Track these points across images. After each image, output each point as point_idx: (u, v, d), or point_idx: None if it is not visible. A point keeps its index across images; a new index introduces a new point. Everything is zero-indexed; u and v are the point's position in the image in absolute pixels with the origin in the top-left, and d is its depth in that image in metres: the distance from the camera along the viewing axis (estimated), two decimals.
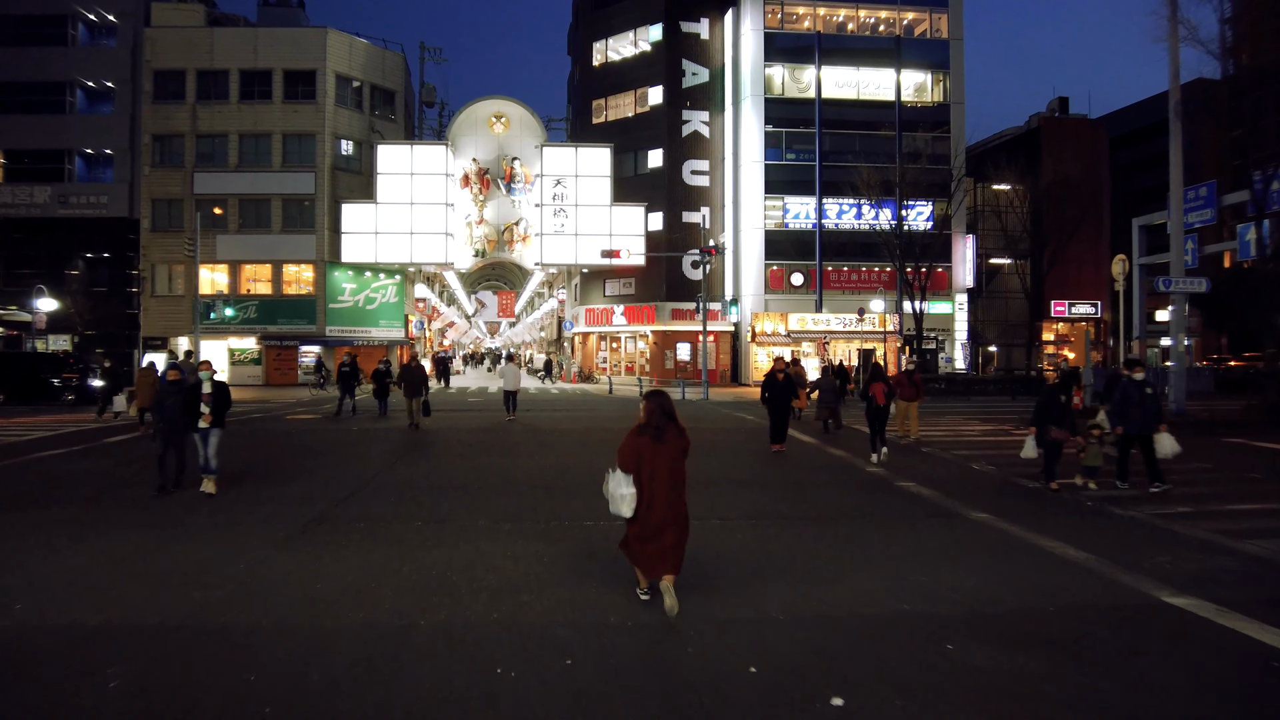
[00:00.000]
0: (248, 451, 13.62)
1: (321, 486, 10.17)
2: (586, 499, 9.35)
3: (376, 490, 9.97)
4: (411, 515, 8.49)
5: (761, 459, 12.98)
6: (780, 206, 39.10)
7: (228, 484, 10.07)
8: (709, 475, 10.95)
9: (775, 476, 11.32)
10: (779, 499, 9.69)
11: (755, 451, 13.87)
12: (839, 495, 10.01)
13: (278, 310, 37.57)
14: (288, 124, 37.88)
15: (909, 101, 40.24)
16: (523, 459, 12.67)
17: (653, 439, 5.37)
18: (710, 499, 9.36)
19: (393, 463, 12.17)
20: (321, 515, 8.47)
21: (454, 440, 15.23)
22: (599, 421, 19.66)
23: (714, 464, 11.99)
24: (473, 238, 39.28)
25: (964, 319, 40.37)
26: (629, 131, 40.17)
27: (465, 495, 9.65)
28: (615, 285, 40.91)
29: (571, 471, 11.41)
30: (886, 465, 12.21)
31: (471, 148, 39.50)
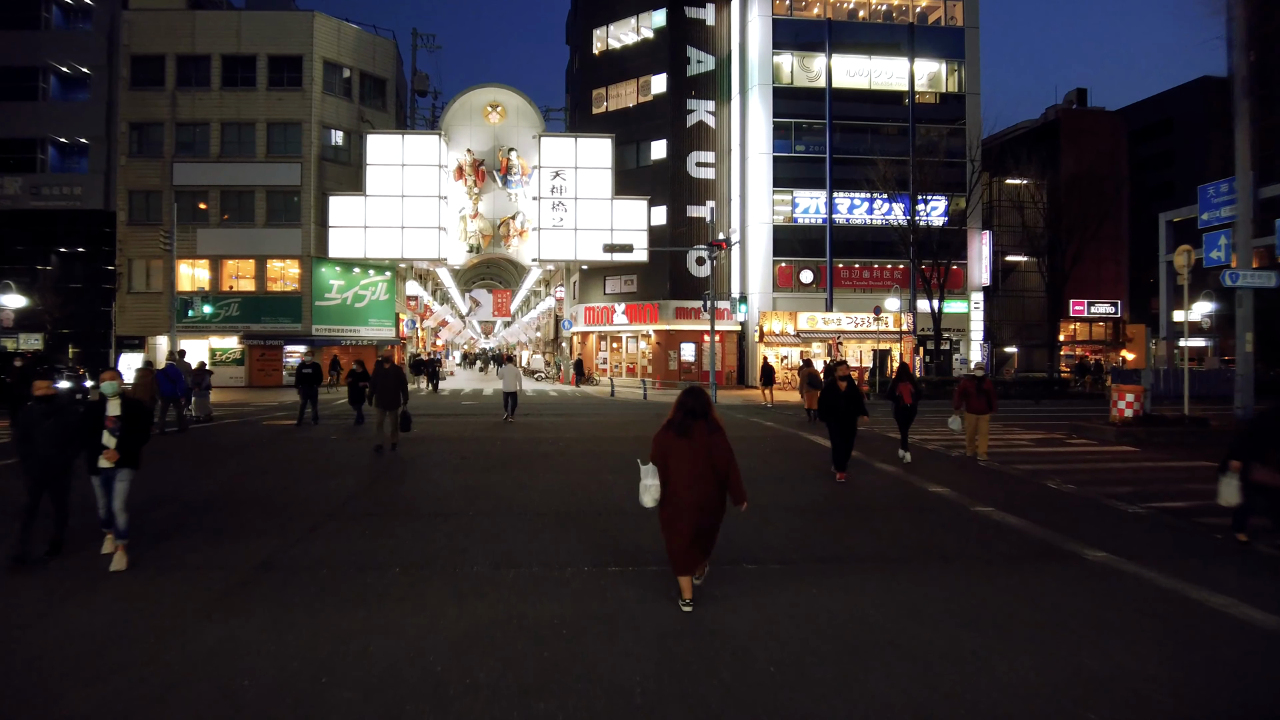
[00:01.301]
0: (194, 465, 11.80)
1: (278, 515, 8.36)
2: (610, 533, 7.57)
3: (347, 521, 8.15)
4: (387, 558, 6.68)
5: (798, 473, 11.22)
6: (789, 201, 37.37)
7: (152, 515, 8.26)
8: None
9: (823, 498, 9.54)
10: (839, 530, 7.92)
11: (791, 465, 12.11)
12: (910, 525, 8.23)
13: (261, 308, 35.66)
14: (272, 112, 35.99)
15: (923, 92, 38.56)
16: (525, 477, 10.87)
17: (676, 434, 5.39)
18: (752, 531, 7.59)
19: (370, 482, 10.35)
20: (271, 559, 6.66)
21: (444, 452, 13.42)
22: (605, 429, 17.86)
23: (747, 482, 10.20)
24: (467, 232, 37.44)
25: (980, 319, 38.69)
26: (631, 122, 38.39)
27: (456, 528, 7.84)
28: (616, 282, 39.11)
29: (585, 494, 9.62)
30: (955, 484, 10.45)
31: (466, 138, 37.67)
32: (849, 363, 21.07)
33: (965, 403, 12.71)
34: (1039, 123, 44.91)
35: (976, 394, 12.67)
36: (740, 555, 6.83)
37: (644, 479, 5.39)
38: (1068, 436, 16.20)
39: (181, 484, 10.17)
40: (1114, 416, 16.17)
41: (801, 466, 12.09)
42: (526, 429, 17.50)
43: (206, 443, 14.76)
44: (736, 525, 7.78)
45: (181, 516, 8.27)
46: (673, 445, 5.37)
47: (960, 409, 12.71)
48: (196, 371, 19.04)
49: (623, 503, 8.96)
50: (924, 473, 11.39)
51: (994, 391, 12.80)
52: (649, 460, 5.47)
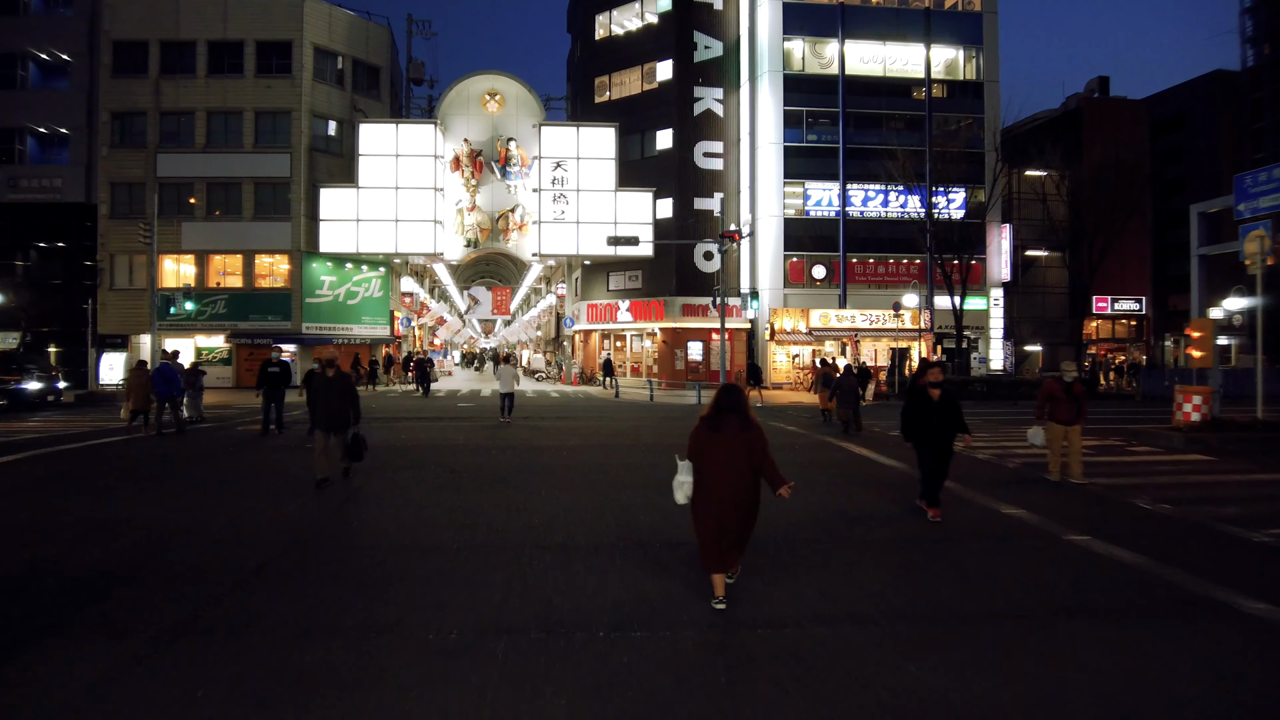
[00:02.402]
0: (137, 482, 10.21)
1: (219, 551, 6.75)
2: (630, 576, 5.96)
3: (300, 560, 6.54)
4: (342, 618, 5.08)
5: (844, 492, 9.63)
6: (800, 193, 35.76)
7: (49, 550, 6.66)
8: (787, 519, 7.59)
9: (882, 522, 7.93)
10: (915, 570, 6.32)
11: (834, 482, 10.50)
12: (1002, 562, 6.62)
13: (249, 305, 34.08)
14: (261, 100, 34.39)
15: (939, 80, 36.95)
16: (522, 497, 9.27)
17: (709, 429, 5.35)
18: (808, 573, 5.99)
19: (339, 505, 8.73)
20: (190, 618, 5.05)
21: (431, 464, 11.82)
22: (612, 435, 16.25)
23: (787, 502, 8.60)
24: (464, 226, 35.84)
25: (1000, 316, 37.07)
26: (635, 111, 36.79)
27: (435, 569, 6.24)
28: (620, 278, 37.51)
29: (594, 521, 8.01)
30: (1029, 504, 8.85)
31: (463, 128, 36.07)
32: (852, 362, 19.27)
33: (1050, 410, 10.39)
34: (1059, 112, 43.26)
35: (1066, 400, 10.33)
36: (802, 610, 5.23)
37: (678, 475, 5.37)
38: (1127, 443, 14.59)
39: (109, 506, 8.59)
40: (1178, 421, 14.58)
41: (846, 483, 10.49)
42: (526, 435, 15.90)
43: (158, 453, 13.18)
44: (788, 562, 6.22)
45: (94, 553, 6.67)
46: (707, 441, 5.33)
47: (1043, 418, 10.41)
48: (189, 372, 18.20)
49: (642, 532, 7.37)
50: (984, 487, 9.79)
51: (1085, 396, 10.54)
52: (685, 457, 5.43)
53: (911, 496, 9.04)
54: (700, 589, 5.64)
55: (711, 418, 5.40)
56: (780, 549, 6.81)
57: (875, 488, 9.99)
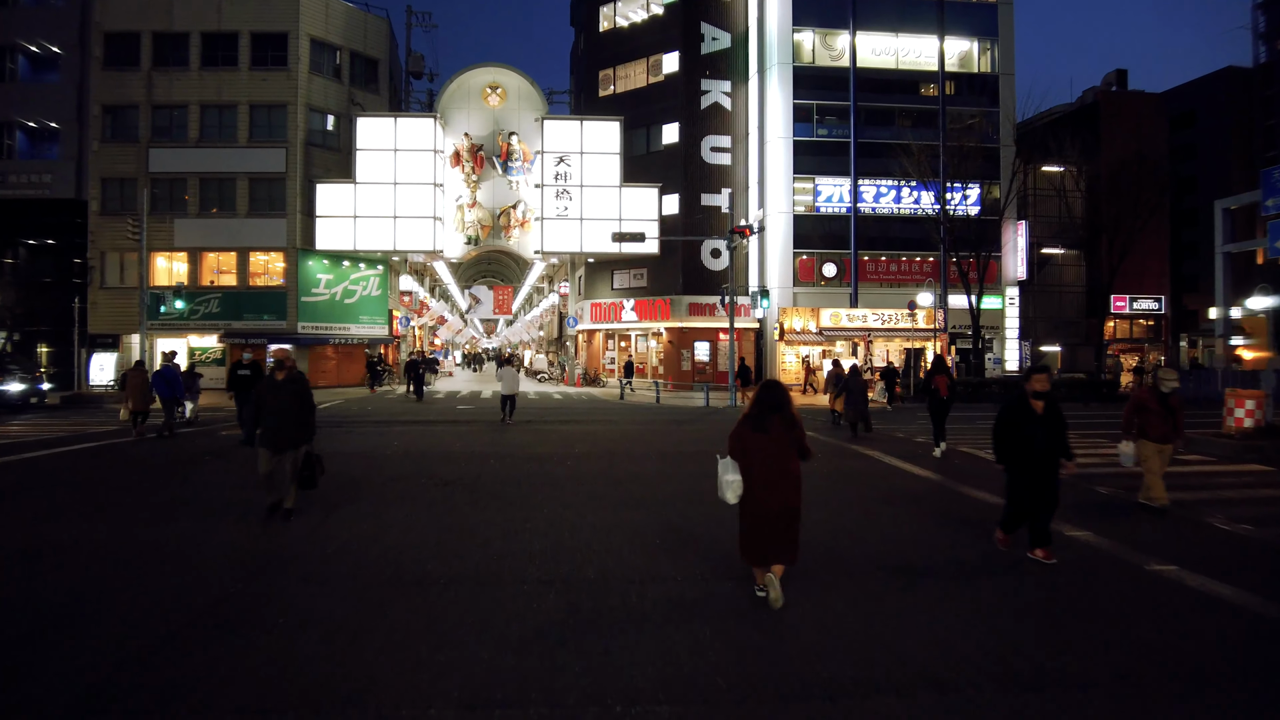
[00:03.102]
0: (89, 499, 9.22)
1: (161, 584, 5.76)
2: (658, 626, 4.94)
3: (257, 600, 5.53)
4: (296, 682, 4.08)
5: (882, 516, 8.62)
6: (810, 189, 34.73)
7: None
8: (825, 548, 6.58)
9: (944, 553, 6.91)
10: (1002, 629, 5.29)
11: (864, 498, 9.48)
12: (1112, 605, 5.60)
13: (243, 304, 33.12)
14: (256, 93, 33.47)
15: (953, 72, 35.88)
16: (522, 515, 8.26)
17: (752, 428, 5.34)
18: (855, 626, 4.99)
19: (315, 525, 7.73)
20: (98, 688, 4.05)
21: (422, 474, 10.83)
22: (620, 440, 15.25)
23: (819, 523, 7.59)
24: (464, 223, 34.87)
25: (1015, 315, 36.00)
26: (641, 104, 35.79)
27: (413, 613, 5.22)
28: (625, 277, 36.51)
29: (605, 547, 7.00)
30: (1095, 525, 7.83)
31: (463, 122, 35.11)
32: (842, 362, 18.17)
33: (1141, 424, 8.53)
34: (1075, 106, 42.16)
35: (1162, 412, 8.40)
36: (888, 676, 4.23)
37: (724, 474, 5.33)
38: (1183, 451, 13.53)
39: (52, 527, 7.60)
40: (1229, 427, 13.55)
41: (884, 504, 9.48)
42: (527, 440, 14.91)
43: (132, 460, 12.20)
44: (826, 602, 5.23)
45: (9, 590, 5.68)
46: (750, 440, 5.34)
47: (1133, 433, 8.60)
48: (185, 374, 17.60)
49: (661, 563, 6.36)
50: (1076, 514, 8.76)
51: (1181, 410, 8.49)
52: (726, 455, 5.45)
53: (963, 520, 8.03)
54: (741, 645, 4.65)
55: (755, 416, 5.36)
56: (809, 578, 5.79)
57: (919, 507, 8.94)
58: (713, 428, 18.12)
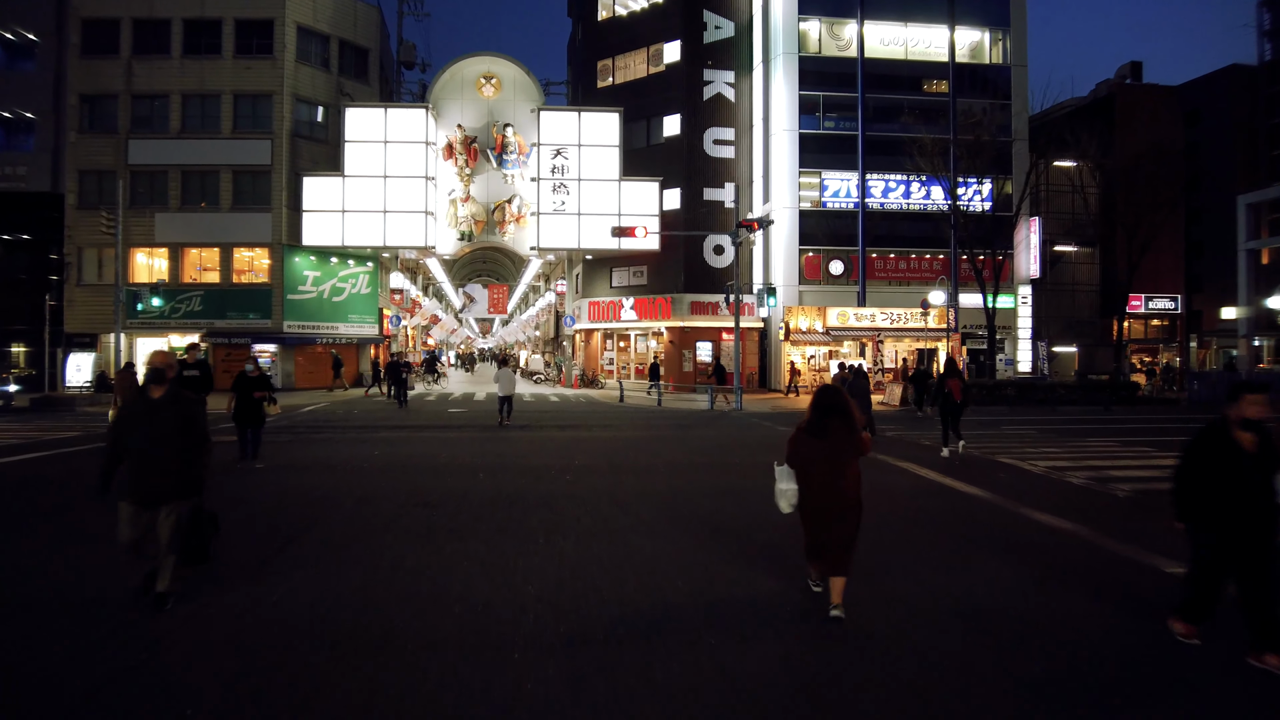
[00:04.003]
0: (21, 520, 7.92)
1: (47, 639, 4.45)
2: (684, 706, 3.67)
3: (167, 674, 4.24)
4: None
5: (973, 565, 7.35)
6: (816, 183, 33.46)
7: None
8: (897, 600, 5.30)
9: (1081, 638, 5.64)
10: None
11: (930, 533, 8.20)
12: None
13: (227, 302, 31.74)
14: (240, 83, 32.07)
15: (964, 63, 34.64)
16: (515, 547, 6.97)
17: (811, 434, 5.14)
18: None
19: (265, 558, 6.43)
20: None
21: (403, 493, 9.52)
22: (623, 451, 13.96)
23: (891, 554, 6.31)
24: (457, 218, 33.51)
25: (1028, 314, 34.79)
26: (641, 96, 34.47)
27: (382, 689, 3.94)
28: (624, 274, 35.21)
29: (615, 585, 5.71)
30: None
31: (457, 113, 33.75)
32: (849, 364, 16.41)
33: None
34: (1089, 100, 40.97)
35: None
36: None
37: (780, 482, 5.22)
38: None
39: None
40: None
41: (960, 541, 8.20)
42: (522, 449, 13.62)
43: (71, 474, 10.87)
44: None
45: None
46: (810, 446, 5.13)
47: None
48: None
49: (684, 613, 5.07)
50: (1111, 527, 7.50)
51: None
52: (783, 463, 5.27)
53: (1055, 559, 6.76)
54: None
55: (814, 421, 5.17)
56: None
57: (999, 548, 7.68)
58: (722, 434, 16.85)
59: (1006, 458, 12.74)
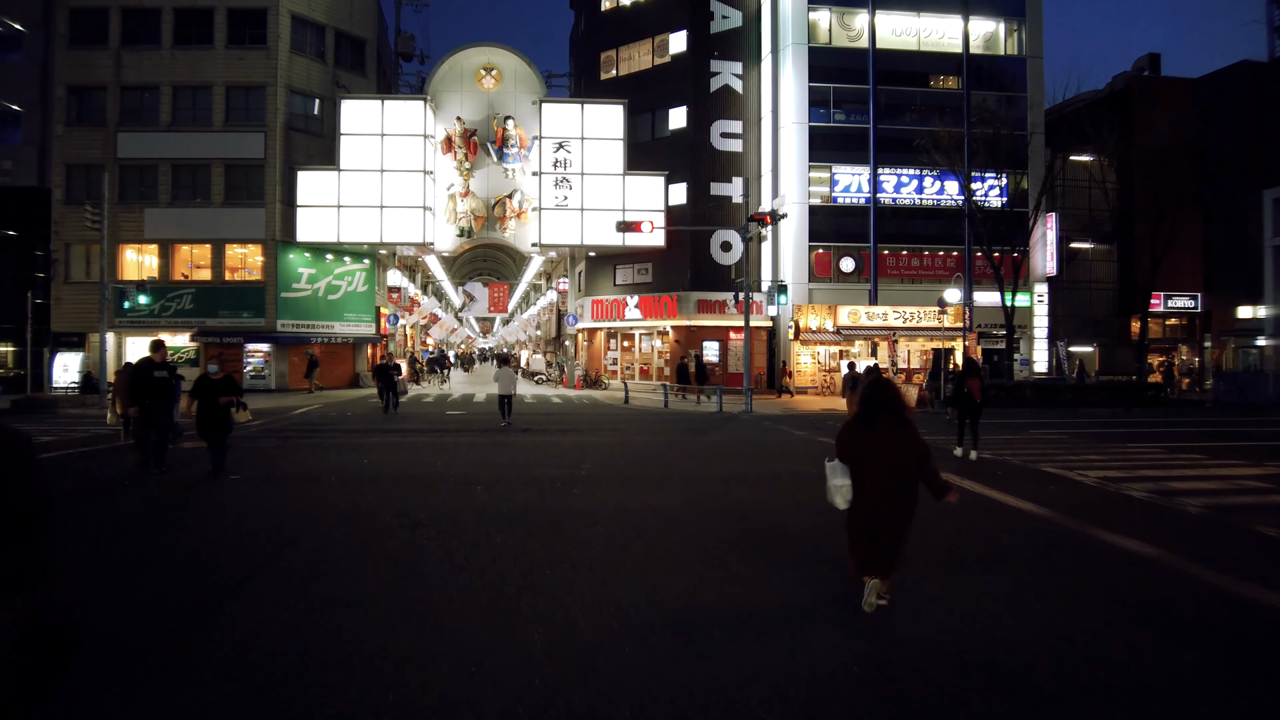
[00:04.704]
0: None
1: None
2: None
3: None
4: None
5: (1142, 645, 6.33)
6: (827, 178, 32.45)
7: None
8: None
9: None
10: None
11: (977, 539, 7.18)
12: None
13: (218, 300, 30.77)
14: (232, 74, 31.10)
15: (979, 55, 33.62)
16: (517, 580, 5.96)
17: (863, 428, 5.02)
18: None
19: (228, 591, 5.42)
20: None
21: (390, 509, 8.51)
22: (634, 460, 12.96)
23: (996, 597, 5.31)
24: (457, 213, 32.52)
25: (1044, 313, 33.78)
26: (645, 87, 33.45)
27: None
28: (628, 272, 34.21)
29: (640, 637, 4.68)
30: None
31: (456, 105, 32.76)
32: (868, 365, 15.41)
33: None
34: (1105, 92, 39.89)
35: None
36: None
37: (832, 478, 5.03)
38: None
39: None
40: None
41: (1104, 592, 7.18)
42: (524, 457, 12.62)
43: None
44: None
45: None
46: (861, 441, 5.00)
47: None
48: None
49: (723, 667, 4.05)
50: (1195, 551, 6.47)
51: None
52: (834, 458, 5.09)
53: (1148, 595, 5.76)
54: None
55: (864, 415, 5.09)
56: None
57: (1081, 581, 6.67)
58: (736, 439, 15.83)
59: (1050, 466, 11.73)
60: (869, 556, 4.97)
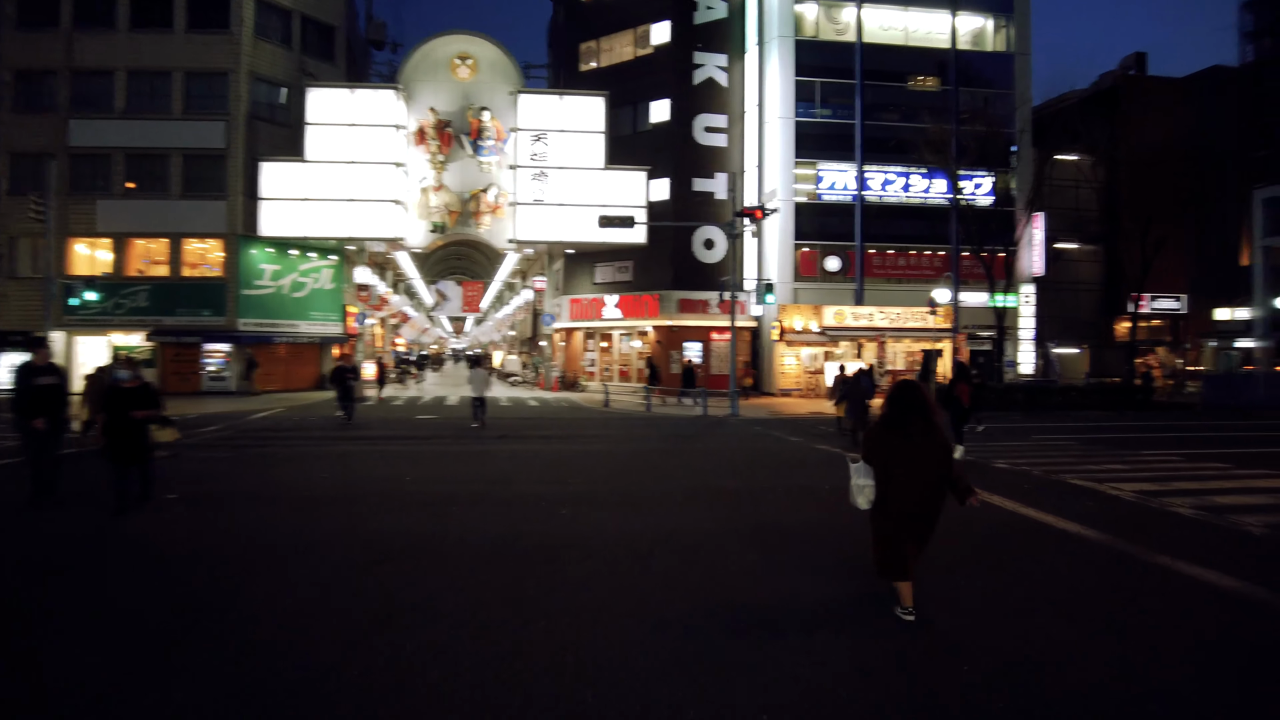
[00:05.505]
0: None
1: None
2: None
3: None
4: None
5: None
6: (812, 175, 31.58)
7: None
8: None
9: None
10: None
11: (1030, 569, 6.18)
12: None
13: (176, 297, 29.14)
14: (192, 59, 29.48)
15: (966, 50, 32.95)
16: (508, 629, 4.88)
17: (890, 430, 4.95)
18: None
19: (124, 672, 4.28)
20: None
21: (347, 536, 7.37)
22: (626, 469, 11.89)
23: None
24: (429, 208, 31.18)
25: (1031, 314, 33.19)
26: (627, 80, 32.35)
27: None
28: (608, 270, 33.10)
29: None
30: None
31: (429, 95, 31.41)
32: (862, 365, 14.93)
33: None
34: (1091, 91, 39.49)
35: None
36: None
37: (856, 478, 4.99)
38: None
39: None
40: None
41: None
42: (500, 470, 11.49)
43: None
44: None
45: None
46: (888, 443, 4.94)
47: None
48: None
49: None
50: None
51: None
52: (859, 459, 5.06)
53: (1252, 642, 4.79)
54: None
55: (891, 417, 4.98)
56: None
57: (1174, 630, 5.69)
58: (729, 446, 14.81)
59: (1074, 477, 10.83)
60: (896, 559, 4.91)
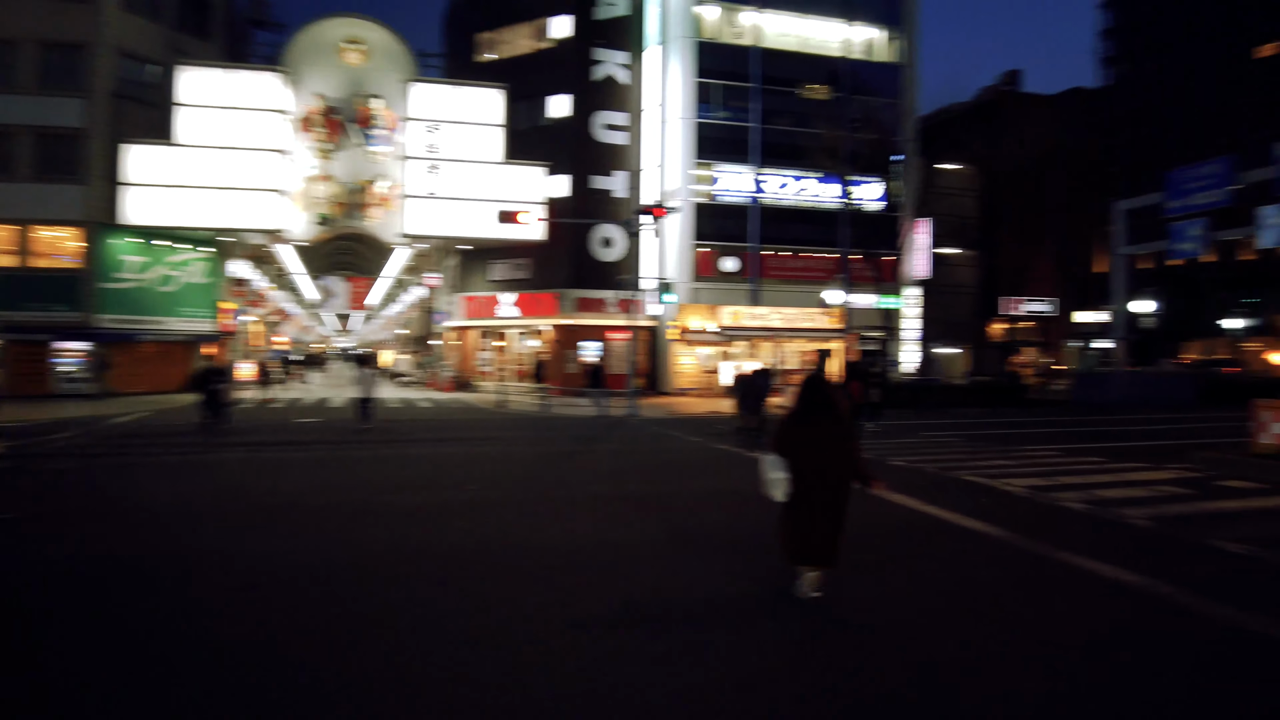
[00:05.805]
0: None
1: None
2: None
3: None
4: None
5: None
6: (710, 176, 31.80)
7: None
8: None
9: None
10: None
11: (942, 573, 6.16)
12: None
13: (24, 290, 26.49)
14: (49, 30, 26.85)
15: (858, 60, 33.92)
16: (410, 701, 4.41)
17: (799, 424, 5.19)
18: None
19: None
20: None
21: (213, 563, 6.68)
22: (526, 475, 11.45)
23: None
24: (314, 199, 29.61)
25: (916, 316, 34.55)
26: (526, 73, 31.70)
27: None
28: (504, 268, 32.39)
29: None
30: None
31: (317, 80, 29.81)
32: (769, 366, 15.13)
33: None
34: (971, 105, 41.59)
35: None
36: None
37: (770, 472, 5.15)
38: (1206, 474, 11.11)
39: None
40: (1265, 445, 11.29)
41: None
42: (393, 476, 10.84)
43: None
44: None
45: None
46: (798, 435, 5.16)
47: None
48: None
49: None
50: (1176, 575, 5.72)
51: None
52: (771, 452, 5.18)
53: (1175, 642, 4.85)
54: None
55: (801, 411, 5.23)
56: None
57: (1091, 631, 5.73)
58: (632, 448, 14.58)
59: (967, 474, 11.15)
60: (807, 547, 5.10)
